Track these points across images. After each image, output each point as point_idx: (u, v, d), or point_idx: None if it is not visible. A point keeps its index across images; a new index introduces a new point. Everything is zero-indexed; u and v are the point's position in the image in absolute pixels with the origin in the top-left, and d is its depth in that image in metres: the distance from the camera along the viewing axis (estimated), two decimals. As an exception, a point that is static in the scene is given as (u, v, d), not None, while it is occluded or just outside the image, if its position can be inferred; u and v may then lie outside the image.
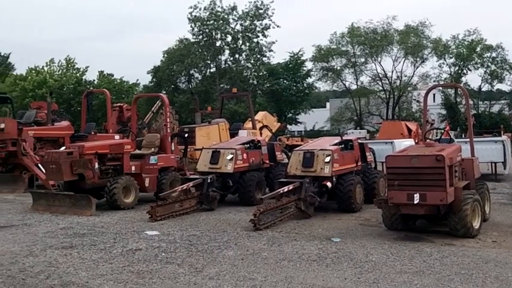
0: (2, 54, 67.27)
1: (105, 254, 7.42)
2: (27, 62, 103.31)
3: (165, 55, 52.86)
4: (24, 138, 16.30)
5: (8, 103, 22.84)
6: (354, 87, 55.99)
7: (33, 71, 48.55)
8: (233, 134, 20.77)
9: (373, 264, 6.74)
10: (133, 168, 12.54)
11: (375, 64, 53.55)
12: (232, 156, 12.13)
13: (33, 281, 6.11)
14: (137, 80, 55.15)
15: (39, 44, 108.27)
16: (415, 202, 7.95)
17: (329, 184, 10.65)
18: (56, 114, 20.99)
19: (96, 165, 11.74)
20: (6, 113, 21.02)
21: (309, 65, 53.94)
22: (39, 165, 15.22)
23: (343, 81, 56.04)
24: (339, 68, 54.71)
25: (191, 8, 49.18)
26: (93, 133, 18.22)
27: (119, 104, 23.25)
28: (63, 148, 12.76)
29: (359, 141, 12.66)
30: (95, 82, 48.89)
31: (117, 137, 14.87)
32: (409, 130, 26.96)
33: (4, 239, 8.55)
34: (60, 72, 49.57)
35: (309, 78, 53.97)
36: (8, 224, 10.09)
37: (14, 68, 65.78)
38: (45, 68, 49.71)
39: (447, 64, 52.47)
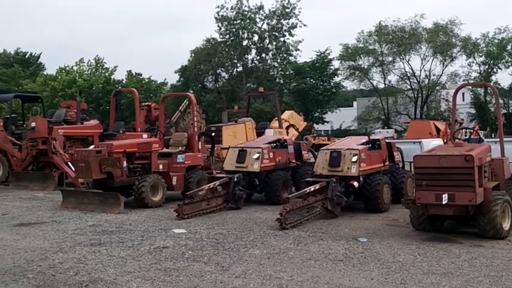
0: (33, 54, 68.71)
1: (133, 252, 7.51)
2: (57, 62, 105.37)
3: (193, 54, 53.24)
4: (54, 137, 16.53)
5: (38, 102, 23.22)
6: (381, 86, 55.57)
7: (63, 71, 49.31)
8: (259, 133, 20.78)
9: (401, 265, 6.68)
10: (161, 166, 12.65)
11: (403, 63, 53.08)
12: (258, 155, 12.14)
13: (63, 277, 6.23)
14: (165, 79, 55.66)
15: (69, 44, 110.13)
16: (444, 202, 7.85)
17: (356, 184, 10.58)
18: (85, 113, 21.27)
19: (125, 164, 11.87)
20: (37, 112, 21.37)
21: (336, 63, 53.76)
22: (69, 163, 15.44)
23: (371, 80, 55.65)
24: (366, 66, 54.35)
25: (218, 7, 49.44)
26: (121, 132, 18.44)
27: (147, 103, 23.41)
28: (92, 147, 12.92)
29: (386, 140, 12.54)
30: (124, 81, 49.41)
31: (145, 135, 15.02)
32: (438, 129, 26.61)
33: (35, 236, 8.72)
34: (89, 72, 50.27)
35: (336, 77, 53.75)
36: (38, 220, 10.29)
37: (44, 68, 67.12)
38: (75, 68, 50.47)
39: (477, 63, 51.70)
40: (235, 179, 11.64)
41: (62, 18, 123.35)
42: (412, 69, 52.82)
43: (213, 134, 16.94)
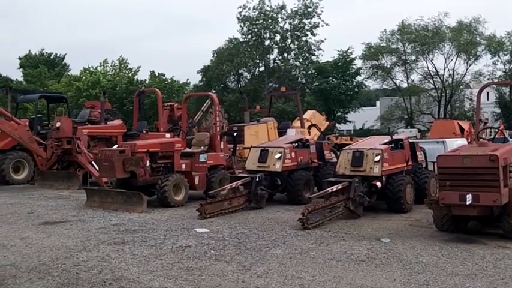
0: (57, 55, 69.76)
1: (156, 251, 7.57)
2: (81, 63, 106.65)
3: (215, 55, 53.45)
4: (78, 137, 16.73)
5: (63, 103, 23.57)
6: (404, 85, 55.08)
7: (87, 72, 49.94)
8: (281, 132, 20.78)
9: (424, 266, 6.62)
10: (183, 166, 12.72)
11: (426, 62, 52.52)
12: (280, 155, 12.13)
13: (87, 275, 6.31)
14: (187, 79, 56.02)
15: (93, 45, 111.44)
16: (468, 203, 7.75)
17: (378, 184, 10.50)
18: (109, 113, 21.52)
19: (148, 163, 11.95)
20: (62, 112, 21.71)
21: (358, 63, 53.38)
22: (93, 162, 15.61)
23: (394, 80, 55.19)
24: (389, 66, 53.91)
25: (240, 7, 49.60)
26: (144, 132, 18.60)
27: (169, 103, 23.65)
28: (115, 146, 13.05)
29: (409, 140, 12.43)
30: (147, 82, 49.84)
31: (168, 135, 15.11)
32: (462, 129, 26.28)
33: (59, 234, 8.85)
34: (113, 72, 50.83)
35: (358, 76, 53.36)
36: (63, 219, 10.44)
37: (69, 68, 68.14)
38: (99, 69, 51.10)
39: (501, 61, 50.88)
40: (257, 179, 11.65)
41: (86, 20, 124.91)
42: (435, 68, 52.28)
43: (235, 133, 16.98)
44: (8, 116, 18.10)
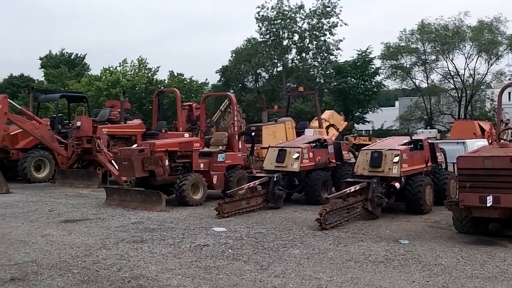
0: (78, 55, 70.51)
1: (174, 249, 7.63)
2: (101, 63, 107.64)
3: (233, 55, 53.61)
4: (98, 136, 16.89)
5: (84, 102, 23.80)
6: (424, 85, 54.60)
7: (107, 71, 50.36)
8: (299, 132, 20.74)
9: (443, 268, 6.56)
10: (201, 165, 12.78)
11: (446, 62, 51.98)
12: (298, 155, 12.13)
13: (106, 272, 6.38)
14: (206, 79, 56.22)
15: (113, 45, 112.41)
16: (488, 205, 7.67)
17: (397, 185, 10.44)
18: (128, 112, 21.66)
19: (167, 163, 12.02)
20: (82, 111, 21.92)
21: (377, 62, 53.05)
22: (113, 161, 15.75)
23: (413, 80, 54.72)
24: (408, 65, 53.46)
25: (259, 7, 49.64)
26: (163, 131, 18.71)
27: (188, 103, 23.75)
28: (135, 145, 13.15)
29: (429, 141, 12.32)
30: (166, 82, 50.11)
31: (186, 135, 15.20)
32: (482, 130, 25.98)
33: (79, 232, 8.96)
34: (132, 72, 51.18)
35: (377, 76, 53.04)
36: (83, 217, 10.57)
37: (89, 68, 68.86)
38: (119, 68, 51.48)
39: (524, 61, 50.08)
40: (275, 179, 11.66)
41: (106, 20, 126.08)
42: (455, 68, 51.73)
43: (253, 133, 17.01)
44: (29, 115, 18.35)
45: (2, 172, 15.48)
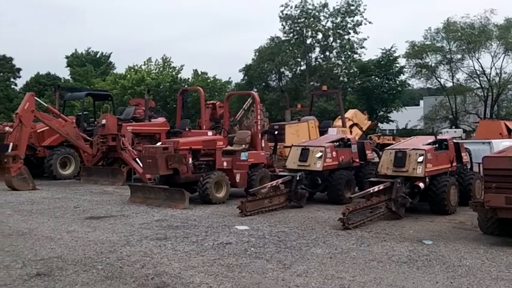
0: (103, 54, 71.29)
1: (197, 247, 7.68)
2: (126, 61, 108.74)
3: (257, 53, 53.51)
4: (123, 134, 17.08)
5: (109, 100, 24.06)
6: (449, 84, 53.72)
7: (132, 70, 50.73)
8: (323, 131, 20.68)
9: (467, 269, 6.48)
10: (225, 164, 12.84)
11: (472, 60, 51.03)
12: (321, 154, 12.09)
13: (130, 269, 6.45)
14: (229, 78, 56.30)
15: (138, 44, 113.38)
16: (514, 206, 7.55)
17: (421, 185, 10.35)
18: (152, 111, 21.86)
19: (190, 161, 12.11)
20: (107, 109, 22.18)
21: (401, 61, 52.37)
22: (137, 159, 15.90)
23: (438, 78, 53.92)
24: (433, 64, 52.73)
25: (282, 6, 49.43)
26: (187, 129, 18.83)
27: (212, 102, 23.83)
28: (159, 143, 13.27)
29: (454, 140, 12.18)
30: (190, 80, 50.29)
31: (210, 133, 15.27)
32: (509, 130, 25.52)
33: (104, 229, 9.08)
34: (157, 71, 51.46)
35: (401, 75, 52.37)
36: (107, 214, 10.70)
37: (114, 67, 69.49)
38: (143, 67, 51.79)
39: (552, 59, 49.03)
40: (298, 178, 11.65)
41: (132, 20, 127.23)
42: (481, 67, 50.76)
43: (276, 132, 17.01)
44: (56, 113, 18.62)
45: (29, 169, 15.74)
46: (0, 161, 18.98)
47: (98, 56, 70.80)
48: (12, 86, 65.66)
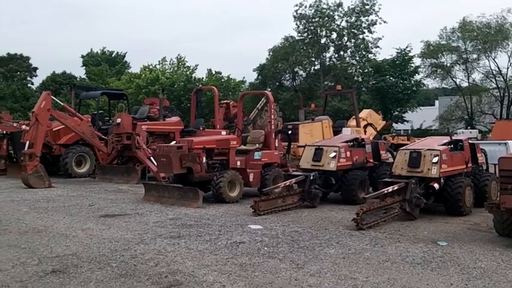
0: (119, 53, 71.73)
1: (211, 246, 7.70)
2: (141, 61, 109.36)
3: (271, 53, 53.54)
4: (138, 133, 17.18)
5: (124, 99, 24.24)
6: (464, 84, 53.28)
7: (147, 69, 50.99)
8: (336, 131, 20.62)
9: (482, 271, 6.43)
10: (238, 163, 12.86)
11: (488, 60, 50.57)
12: (335, 154, 12.06)
13: (144, 267, 6.49)
14: (243, 77, 56.32)
15: (152, 43, 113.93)
16: (531, 208, 7.48)
17: (436, 185, 10.27)
18: (167, 110, 21.94)
19: (204, 160, 12.14)
20: (122, 108, 22.34)
21: (417, 61, 52.05)
22: (151, 158, 16.00)
23: (454, 78, 53.50)
24: (449, 64, 52.33)
25: (296, 6, 49.41)
26: (201, 128, 18.89)
27: (225, 101, 23.88)
28: (173, 142, 13.31)
29: (470, 141, 12.08)
30: (204, 80, 50.44)
31: (223, 132, 15.31)
32: (526, 131, 25.22)
33: (118, 227, 9.14)
34: (171, 70, 51.69)
35: (416, 75, 52.04)
36: (122, 212, 10.77)
37: (129, 66, 69.94)
38: (158, 66, 52.09)
39: None
40: (311, 177, 11.63)
41: (146, 19, 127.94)
42: (498, 67, 50.27)
43: (289, 131, 17.01)
44: (71, 112, 18.80)
45: (45, 167, 15.89)
46: (17, 159, 19.30)
47: (113, 55, 71.28)
48: (29, 85, 66.33)
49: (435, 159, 10.29)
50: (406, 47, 50.80)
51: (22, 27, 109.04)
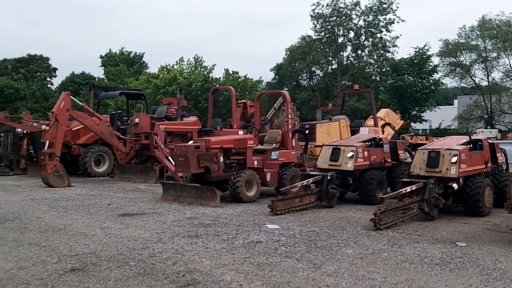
0: (137, 53, 72.24)
1: (228, 245, 7.72)
2: (159, 61, 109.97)
3: (288, 53, 53.50)
4: (156, 132, 17.30)
5: (142, 99, 24.39)
6: (484, 83, 52.71)
7: (165, 69, 51.31)
8: (354, 131, 20.50)
9: (502, 273, 6.35)
10: (255, 162, 12.88)
11: (509, 59, 49.96)
12: (352, 153, 12.01)
13: (161, 266, 6.53)
14: (260, 77, 56.38)
15: (170, 44, 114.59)
16: (552, 208, 7.37)
17: (455, 186, 10.18)
18: (185, 110, 22.05)
19: (221, 159, 12.18)
20: (140, 108, 22.48)
21: (435, 60, 51.61)
22: (169, 157, 16.08)
23: (473, 77, 52.94)
24: (468, 63, 51.79)
25: (314, 5, 49.29)
26: (218, 128, 18.93)
27: (243, 101, 23.94)
28: (191, 142, 13.38)
29: (489, 141, 11.94)
30: (221, 79, 50.58)
31: (241, 132, 15.33)
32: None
33: (137, 226, 9.20)
34: (189, 70, 51.94)
35: (435, 74, 51.59)
36: (140, 211, 10.85)
37: (147, 66, 70.43)
38: (175, 67, 52.37)
39: None
40: (329, 177, 11.59)
41: (164, 20, 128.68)
42: (518, 66, 49.66)
43: (306, 131, 16.96)
44: (90, 112, 18.98)
45: (64, 166, 16.07)
46: (37, 159, 19.55)
47: (131, 55, 71.81)
48: (49, 86, 67.21)
49: (454, 159, 10.20)
50: (424, 46, 50.41)
51: (42, 29, 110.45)
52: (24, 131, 21.07)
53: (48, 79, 68.86)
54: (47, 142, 15.71)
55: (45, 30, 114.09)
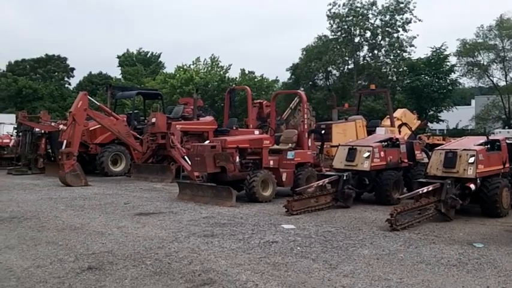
0: (153, 54, 72.67)
1: (244, 244, 7.74)
2: (175, 61, 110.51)
3: (304, 52, 53.45)
4: (172, 132, 17.38)
5: (159, 99, 24.56)
6: (502, 83, 52.13)
7: (181, 69, 51.51)
8: (370, 131, 20.41)
9: (520, 274, 6.29)
10: (271, 162, 12.88)
11: (527, 58, 49.35)
12: (369, 154, 11.95)
13: (177, 265, 6.56)
14: (276, 77, 56.44)
15: (187, 44, 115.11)
16: None
17: (472, 186, 10.08)
18: (201, 109, 22.14)
19: (237, 159, 12.20)
20: (157, 108, 22.65)
21: (452, 60, 51.12)
22: (186, 157, 16.16)
23: (490, 77, 52.38)
24: (485, 63, 51.25)
25: (330, 4, 49.17)
26: (234, 128, 18.98)
27: (259, 101, 23.94)
28: (207, 142, 13.42)
29: (507, 141, 11.81)
30: (237, 79, 50.65)
31: (257, 132, 15.35)
32: None
33: (153, 225, 9.26)
34: (205, 70, 52.06)
35: (452, 74, 51.11)
36: (156, 211, 10.92)
37: (164, 66, 70.85)
38: (192, 67, 52.54)
39: None
40: (345, 177, 11.56)
41: (181, 20, 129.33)
42: (536, 66, 49.06)
43: (322, 131, 16.92)
44: (107, 112, 19.14)
45: (81, 166, 16.23)
46: (55, 158, 19.77)
47: (148, 56, 72.25)
48: (66, 85, 67.93)
49: (471, 160, 10.11)
50: (442, 46, 49.96)
51: (60, 29, 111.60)
52: (42, 131, 21.32)
53: (66, 79, 69.65)
54: (65, 141, 15.88)
55: (63, 30, 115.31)
